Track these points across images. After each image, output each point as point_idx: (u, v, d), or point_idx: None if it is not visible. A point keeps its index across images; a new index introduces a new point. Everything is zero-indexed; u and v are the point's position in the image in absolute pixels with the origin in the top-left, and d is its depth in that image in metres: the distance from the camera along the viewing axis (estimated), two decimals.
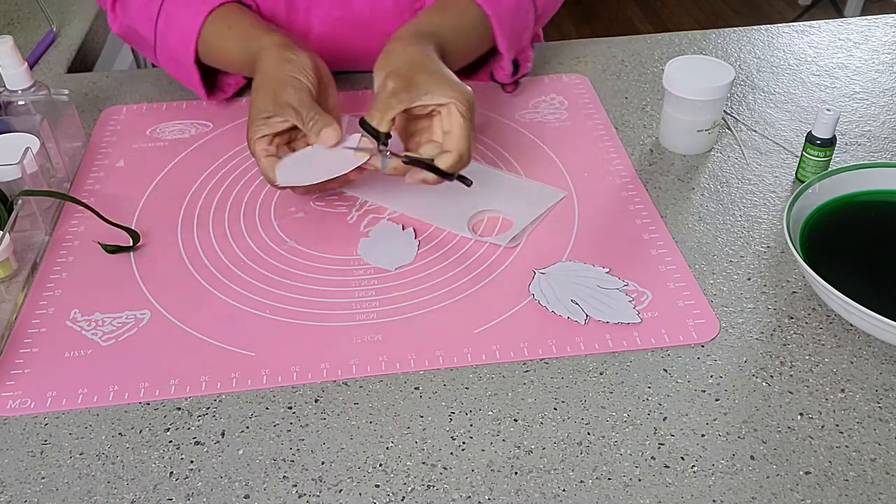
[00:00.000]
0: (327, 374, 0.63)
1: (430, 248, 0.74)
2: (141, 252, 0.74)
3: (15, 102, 0.84)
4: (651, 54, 1.03)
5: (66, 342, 0.66)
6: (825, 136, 0.78)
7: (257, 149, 0.74)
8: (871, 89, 0.95)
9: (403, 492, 0.55)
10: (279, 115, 0.73)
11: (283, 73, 0.74)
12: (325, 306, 0.69)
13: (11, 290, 0.70)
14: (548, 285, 0.70)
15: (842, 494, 0.55)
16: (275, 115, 0.73)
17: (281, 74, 0.74)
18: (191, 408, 0.61)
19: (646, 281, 0.70)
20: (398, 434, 0.59)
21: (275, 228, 0.77)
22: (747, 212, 0.78)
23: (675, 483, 0.55)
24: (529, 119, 0.91)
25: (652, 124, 0.90)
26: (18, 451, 0.58)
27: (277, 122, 0.74)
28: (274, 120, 0.73)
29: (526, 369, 0.63)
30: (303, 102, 0.72)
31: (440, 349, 0.65)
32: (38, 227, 0.76)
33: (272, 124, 0.74)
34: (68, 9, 1.20)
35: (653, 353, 0.64)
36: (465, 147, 0.70)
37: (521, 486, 0.55)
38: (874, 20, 1.09)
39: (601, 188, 0.81)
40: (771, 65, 1.00)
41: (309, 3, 0.89)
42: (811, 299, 0.69)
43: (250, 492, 0.55)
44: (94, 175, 0.84)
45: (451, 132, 0.70)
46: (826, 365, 0.63)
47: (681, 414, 0.60)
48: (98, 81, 1.00)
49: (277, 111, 0.73)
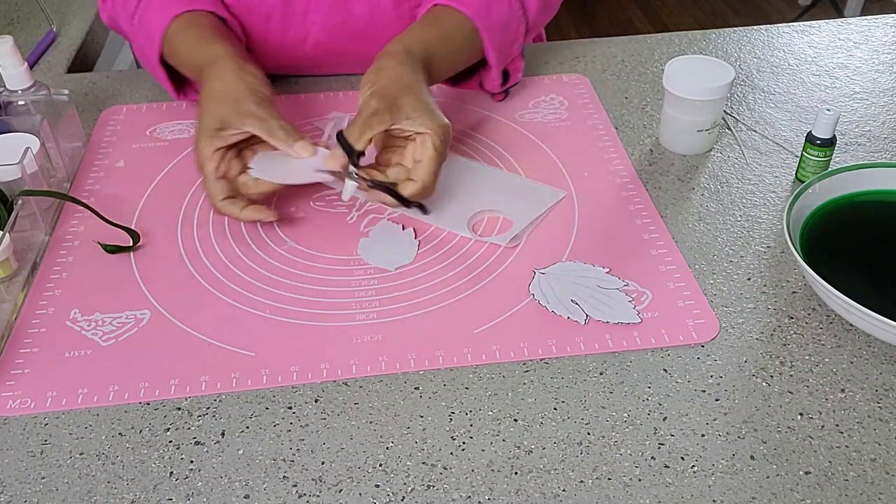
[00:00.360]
0: (327, 374, 0.63)
1: (430, 248, 0.74)
2: (141, 252, 0.74)
3: (15, 102, 0.84)
4: (651, 54, 1.03)
5: (66, 342, 0.66)
6: (825, 136, 0.78)
7: (208, 167, 0.72)
8: (871, 89, 0.95)
9: (403, 492, 0.55)
10: (235, 126, 0.71)
11: (244, 83, 0.73)
12: (325, 306, 0.69)
13: (11, 290, 0.70)
14: (548, 285, 0.70)
15: (842, 494, 0.55)
16: (229, 127, 0.71)
17: (242, 85, 0.73)
18: (191, 408, 0.61)
19: (646, 281, 0.70)
20: (398, 434, 0.59)
21: (275, 228, 0.77)
22: (747, 212, 0.78)
23: (675, 483, 0.55)
24: (529, 119, 0.91)
25: (652, 124, 0.90)
26: (18, 451, 0.58)
27: (232, 133, 0.72)
28: (227, 132, 0.72)
29: (526, 369, 0.63)
30: (266, 112, 0.72)
31: (440, 349, 0.65)
32: (38, 227, 0.76)
33: (225, 137, 0.72)
34: (68, 9, 1.20)
35: (653, 353, 0.64)
36: (430, 179, 0.71)
37: (521, 486, 0.55)
38: (874, 20, 1.09)
39: (601, 188, 0.81)
40: (771, 65, 1.00)
41: (307, 9, 0.89)
42: (811, 299, 0.69)
43: (250, 492, 0.55)
44: (94, 175, 0.84)
45: (422, 162, 0.71)
46: (826, 365, 0.63)
47: (681, 414, 0.60)
48: (98, 81, 1.00)
49: (236, 121, 0.71)
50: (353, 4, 0.89)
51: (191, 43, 0.81)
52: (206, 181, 0.73)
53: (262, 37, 0.92)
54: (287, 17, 0.90)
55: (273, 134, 0.71)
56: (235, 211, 0.73)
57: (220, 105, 0.72)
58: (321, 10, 0.89)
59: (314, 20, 0.90)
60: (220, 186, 0.72)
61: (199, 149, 0.72)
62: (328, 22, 0.90)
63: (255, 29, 0.91)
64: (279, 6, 0.89)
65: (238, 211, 0.73)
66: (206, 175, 0.72)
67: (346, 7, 0.89)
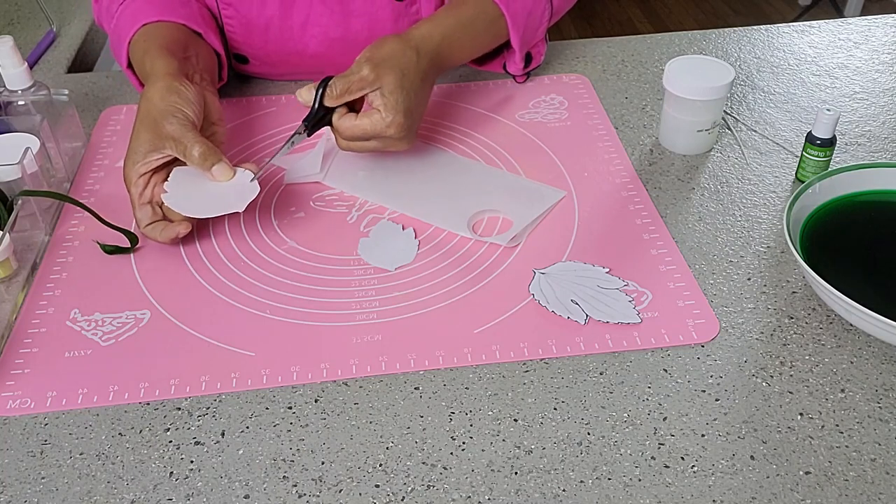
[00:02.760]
0: (327, 374, 0.63)
1: (430, 248, 0.74)
2: (141, 252, 0.74)
3: (15, 102, 0.84)
4: (651, 54, 1.03)
5: (66, 342, 0.66)
6: (825, 136, 0.78)
7: (134, 193, 0.72)
8: (871, 89, 0.95)
9: (403, 492, 0.55)
10: (158, 151, 0.71)
11: (166, 103, 0.71)
12: (325, 306, 0.69)
13: (11, 290, 0.70)
14: (548, 285, 0.70)
15: (842, 494, 0.55)
16: (154, 150, 0.71)
17: (164, 105, 0.71)
18: (191, 408, 0.61)
19: (646, 281, 0.70)
20: (398, 434, 0.59)
21: (275, 228, 0.77)
22: (747, 212, 0.78)
23: (675, 483, 0.55)
24: (529, 119, 0.91)
25: (652, 124, 0.90)
26: (18, 451, 0.58)
27: (155, 158, 0.71)
28: (152, 157, 0.71)
29: (526, 369, 0.63)
30: (185, 133, 0.70)
31: (440, 349, 0.65)
32: (38, 227, 0.76)
33: (150, 162, 0.71)
34: (68, 9, 1.20)
35: (653, 353, 0.64)
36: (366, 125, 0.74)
37: (521, 486, 0.55)
38: (874, 20, 1.09)
39: (601, 188, 0.81)
40: (771, 65, 1.00)
41: (305, 23, 0.89)
42: (811, 299, 0.69)
43: (250, 492, 0.55)
44: (94, 175, 0.84)
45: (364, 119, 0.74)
46: (826, 365, 0.63)
47: (681, 414, 0.60)
48: (98, 81, 1.00)
49: (158, 144, 0.70)
50: (352, 20, 0.89)
51: (140, 55, 0.80)
52: (133, 206, 0.72)
53: (261, 47, 0.92)
54: (285, 30, 0.90)
55: (189, 156, 0.71)
56: (155, 235, 0.72)
57: (143, 128, 0.71)
58: (320, 24, 0.89)
59: (313, 34, 0.90)
60: (145, 212, 0.72)
61: (125, 174, 0.72)
62: (327, 36, 0.90)
63: (254, 39, 0.91)
64: (276, 19, 0.89)
65: (158, 234, 0.72)
66: (132, 200, 0.72)
67: (345, 22, 0.89)
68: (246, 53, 0.94)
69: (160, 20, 0.83)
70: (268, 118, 0.92)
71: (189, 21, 0.84)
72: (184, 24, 0.84)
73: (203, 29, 0.85)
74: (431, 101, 0.93)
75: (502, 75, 0.98)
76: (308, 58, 0.92)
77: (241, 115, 0.92)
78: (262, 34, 0.90)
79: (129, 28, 0.83)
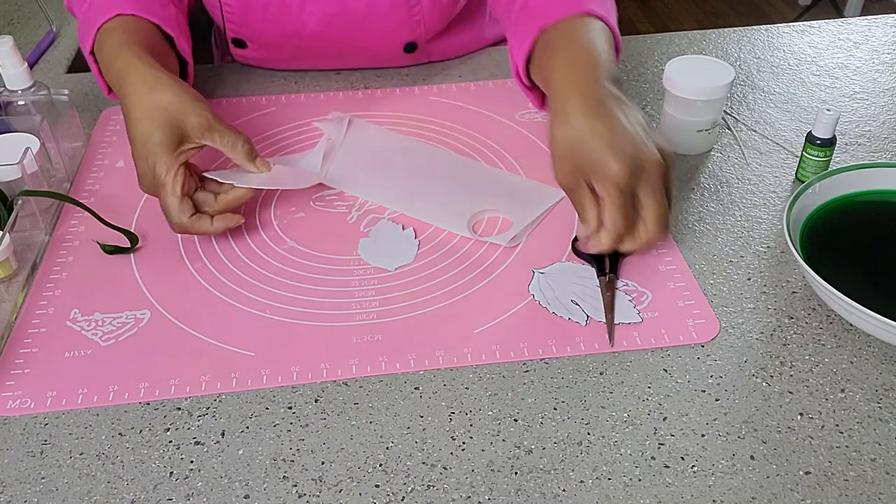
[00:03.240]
0: (327, 374, 0.63)
1: (430, 248, 0.74)
2: (141, 252, 0.74)
3: (15, 102, 0.84)
4: (651, 54, 1.03)
5: (66, 342, 0.66)
6: (825, 136, 0.78)
7: (175, 185, 0.69)
8: (871, 89, 0.95)
9: (403, 492, 0.55)
10: (190, 141, 0.71)
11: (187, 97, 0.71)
12: (325, 306, 0.69)
13: (11, 290, 0.70)
14: (548, 285, 0.70)
15: (842, 494, 0.55)
16: (188, 140, 0.71)
17: (186, 98, 0.71)
18: (191, 408, 0.61)
19: (646, 281, 0.70)
20: (398, 434, 0.59)
21: (275, 228, 0.77)
22: (747, 212, 0.78)
23: (675, 483, 0.55)
24: (529, 119, 0.91)
25: (652, 124, 0.90)
26: (18, 451, 0.58)
27: (192, 147, 0.71)
28: (187, 146, 0.71)
29: (526, 369, 0.63)
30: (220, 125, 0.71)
31: (440, 349, 0.65)
32: (38, 227, 0.76)
33: (188, 151, 0.71)
34: None
35: (653, 353, 0.64)
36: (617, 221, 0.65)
37: (521, 486, 0.55)
38: (874, 20, 1.09)
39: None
40: (771, 65, 1.00)
41: (303, 0, 0.89)
42: (811, 299, 0.69)
43: (250, 492, 0.55)
44: (94, 175, 0.84)
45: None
46: (826, 365, 0.63)
47: (681, 414, 0.60)
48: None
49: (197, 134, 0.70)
50: None
51: (116, 46, 0.76)
52: (167, 199, 0.70)
53: (260, 27, 0.92)
54: (284, 9, 0.90)
55: (236, 149, 0.71)
56: (206, 226, 0.71)
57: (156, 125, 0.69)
58: (318, 1, 0.89)
59: (311, 11, 0.90)
60: (187, 204, 0.71)
61: (161, 165, 0.69)
62: (325, 12, 0.90)
63: (253, 20, 0.91)
64: None
65: (209, 226, 0.71)
66: (167, 192, 0.70)
67: None
68: (244, 36, 0.93)
69: (135, 14, 0.80)
70: (268, 118, 0.92)
71: (164, 23, 0.82)
72: (157, 25, 0.81)
73: (175, 34, 0.83)
74: (431, 101, 0.93)
75: (502, 75, 0.98)
76: (307, 37, 0.92)
77: (242, 115, 0.92)
78: (262, 13, 0.90)
79: (103, 15, 0.79)
